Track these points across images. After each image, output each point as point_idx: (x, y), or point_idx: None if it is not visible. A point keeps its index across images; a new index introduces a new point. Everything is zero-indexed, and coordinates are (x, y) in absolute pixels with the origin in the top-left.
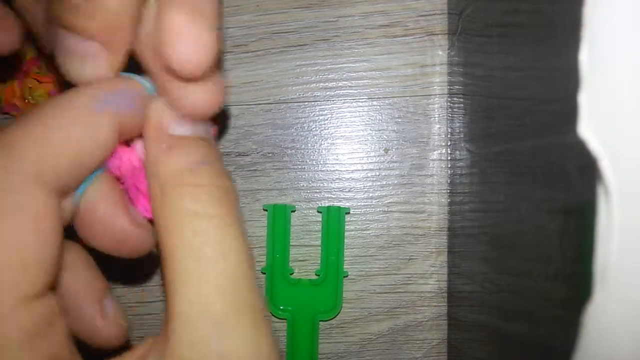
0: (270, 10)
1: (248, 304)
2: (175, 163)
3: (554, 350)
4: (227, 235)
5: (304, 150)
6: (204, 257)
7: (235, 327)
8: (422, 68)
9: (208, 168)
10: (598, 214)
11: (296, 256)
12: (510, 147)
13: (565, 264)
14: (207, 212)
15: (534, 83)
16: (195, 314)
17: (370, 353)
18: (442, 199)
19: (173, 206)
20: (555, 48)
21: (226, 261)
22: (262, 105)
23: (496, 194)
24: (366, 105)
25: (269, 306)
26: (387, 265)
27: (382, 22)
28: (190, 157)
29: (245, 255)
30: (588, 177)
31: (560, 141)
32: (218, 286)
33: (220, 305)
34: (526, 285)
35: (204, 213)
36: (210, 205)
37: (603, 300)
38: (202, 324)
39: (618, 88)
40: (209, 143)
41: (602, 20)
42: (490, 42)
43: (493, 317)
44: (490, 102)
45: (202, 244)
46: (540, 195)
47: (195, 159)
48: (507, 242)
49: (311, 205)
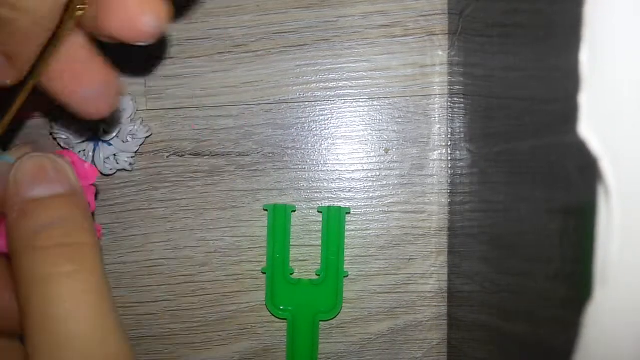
0: (270, 10)
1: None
2: (24, 228)
3: (554, 350)
4: (78, 292)
5: (305, 150)
6: (53, 320)
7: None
8: (422, 68)
9: (58, 229)
10: (598, 214)
11: (296, 256)
12: (510, 147)
13: (565, 264)
14: (55, 272)
15: (534, 83)
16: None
17: (371, 353)
18: (442, 199)
19: (22, 271)
20: (555, 48)
21: (77, 321)
22: (262, 105)
23: (496, 194)
24: (366, 105)
25: (269, 306)
26: (387, 265)
27: (382, 22)
28: (39, 221)
29: (100, 310)
30: (588, 177)
31: (560, 141)
32: (70, 347)
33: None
34: (526, 285)
35: (52, 274)
36: (59, 265)
37: (603, 300)
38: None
39: (618, 88)
40: (69, 199)
41: (602, 20)
42: (490, 42)
43: (493, 317)
44: (490, 102)
45: (51, 308)
46: (540, 195)
47: (45, 221)
48: (507, 242)
49: (311, 205)
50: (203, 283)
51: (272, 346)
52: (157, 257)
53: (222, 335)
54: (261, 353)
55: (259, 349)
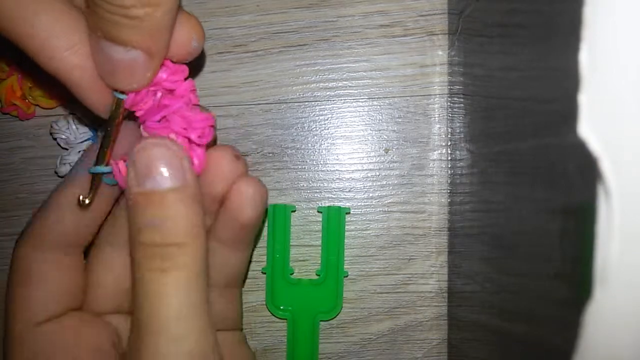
0: (270, 10)
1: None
2: (132, 221)
3: (554, 350)
4: (169, 288)
5: (304, 150)
6: (143, 312)
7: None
8: (422, 68)
9: (158, 229)
10: (598, 214)
11: (296, 256)
12: (510, 147)
13: (565, 264)
14: (152, 268)
15: (534, 83)
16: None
17: (371, 353)
18: (442, 199)
19: (132, 260)
20: (555, 48)
21: (159, 319)
22: (262, 105)
23: (496, 194)
24: (366, 105)
25: (269, 306)
26: (388, 265)
27: (382, 22)
28: (143, 218)
29: (187, 308)
30: (588, 177)
31: (560, 141)
32: (153, 343)
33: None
34: (526, 285)
35: (150, 269)
36: (155, 263)
37: (603, 300)
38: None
39: (618, 88)
40: (175, 196)
41: (602, 20)
42: (490, 42)
43: (493, 317)
44: (490, 102)
45: (144, 301)
46: (540, 195)
47: (147, 219)
48: (507, 242)
49: (311, 205)
50: None
51: (272, 346)
52: None
53: None
54: (261, 353)
55: (259, 349)
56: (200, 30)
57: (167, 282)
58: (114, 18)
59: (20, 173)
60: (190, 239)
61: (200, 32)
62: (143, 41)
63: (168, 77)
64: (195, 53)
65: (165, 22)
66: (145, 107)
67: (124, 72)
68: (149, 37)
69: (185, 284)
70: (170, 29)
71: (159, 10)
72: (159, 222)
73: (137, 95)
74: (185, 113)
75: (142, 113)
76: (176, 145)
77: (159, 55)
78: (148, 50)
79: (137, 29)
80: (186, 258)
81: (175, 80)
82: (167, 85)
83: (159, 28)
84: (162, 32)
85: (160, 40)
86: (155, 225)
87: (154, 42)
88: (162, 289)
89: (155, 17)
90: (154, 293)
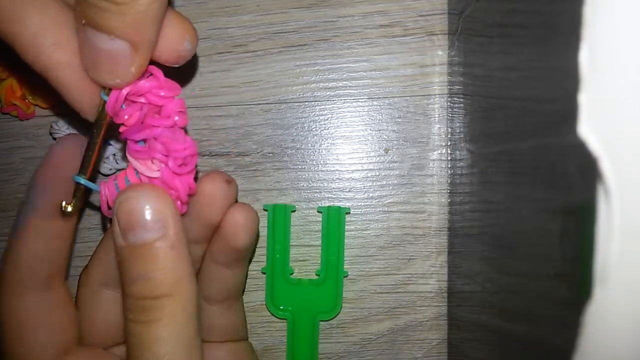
0: (270, 10)
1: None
2: (121, 275)
3: (554, 350)
4: (157, 339)
5: (304, 150)
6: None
7: None
8: (422, 68)
9: (145, 282)
10: (598, 214)
11: (296, 256)
12: (510, 147)
13: (565, 264)
14: (140, 320)
15: (534, 83)
16: None
17: (371, 353)
18: (442, 199)
19: (124, 309)
20: (555, 48)
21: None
22: (262, 105)
23: (496, 194)
24: (366, 105)
25: (269, 306)
26: (387, 265)
27: (382, 22)
28: (131, 272)
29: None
30: (588, 177)
31: (560, 141)
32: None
33: None
34: (526, 285)
35: (138, 321)
36: (143, 315)
37: (603, 300)
38: None
39: (618, 88)
40: (159, 247)
41: (602, 20)
42: (490, 42)
43: (493, 317)
44: (490, 102)
45: (137, 351)
46: (540, 195)
47: (134, 274)
48: (507, 242)
49: (311, 205)
50: None
51: (272, 346)
52: None
53: None
54: (261, 353)
55: (259, 349)
56: (193, 33)
57: (157, 333)
58: (98, 3)
59: (20, 173)
60: (180, 288)
61: (193, 34)
62: (127, 30)
63: (154, 88)
64: (187, 56)
65: (152, 12)
66: (129, 122)
67: (106, 63)
68: (134, 27)
69: (177, 332)
70: (157, 22)
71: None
72: (147, 275)
73: (119, 98)
74: (166, 139)
75: (125, 129)
76: (158, 191)
77: (144, 48)
78: (132, 40)
79: (121, 16)
80: (177, 306)
81: (163, 96)
82: (154, 100)
83: (145, 17)
84: (148, 22)
85: (146, 32)
86: (144, 279)
87: (138, 32)
88: (152, 340)
89: (140, 4)
90: (145, 344)
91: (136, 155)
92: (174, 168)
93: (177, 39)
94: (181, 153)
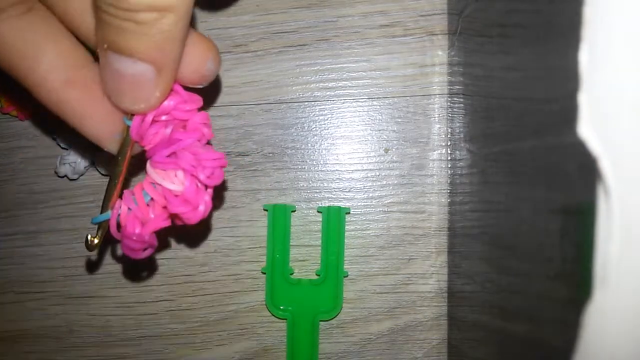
0: (270, 10)
1: None
2: None
3: (554, 350)
4: None
5: (304, 150)
6: None
7: None
8: (422, 68)
9: None
10: (598, 214)
11: (296, 256)
12: (510, 147)
13: (565, 264)
14: None
15: (534, 83)
16: None
17: (371, 353)
18: (442, 199)
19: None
20: (555, 48)
21: None
22: (262, 105)
23: (496, 194)
24: (366, 105)
25: (269, 306)
26: (387, 265)
27: (382, 22)
28: None
29: None
30: (588, 177)
31: (560, 141)
32: None
33: None
34: (526, 285)
35: None
36: None
37: (603, 300)
38: None
39: (618, 88)
40: None
41: (602, 20)
42: (490, 42)
43: (493, 317)
44: (490, 102)
45: None
46: (540, 195)
47: None
48: (507, 242)
49: (311, 205)
50: (203, 283)
51: (272, 346)
52: (157, 257)
53: (222, 335)
54: (261, 353)
55: (259, 349)
56: (216, 52)
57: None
58: (120, 24)
59: (20, 173)
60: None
61: (216, 54)
62: (150, 52)
63: (179, 105)
64: (210, 77)
65: (176, 32)
66: (155, 141)
67: (130, 88)
68: (157, 48)
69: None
70: (181, 42)
71: (169, 16)
72: None
73: (144, 122)
74: (196, 149)
75: (150, 147)
76: None
77: (168, 71)
78: (156, 63)
79: (144, 37)
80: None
81: (188, 110)
82: (179, 115)
83: (168, 38)
84: (172, 43)
85: (170, 53)
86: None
87: (162, 54)
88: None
89: (164, 24)
90: None
91: (161, 166)
92: (203, 179)
93: (199, 60)
94: (211, 163)
